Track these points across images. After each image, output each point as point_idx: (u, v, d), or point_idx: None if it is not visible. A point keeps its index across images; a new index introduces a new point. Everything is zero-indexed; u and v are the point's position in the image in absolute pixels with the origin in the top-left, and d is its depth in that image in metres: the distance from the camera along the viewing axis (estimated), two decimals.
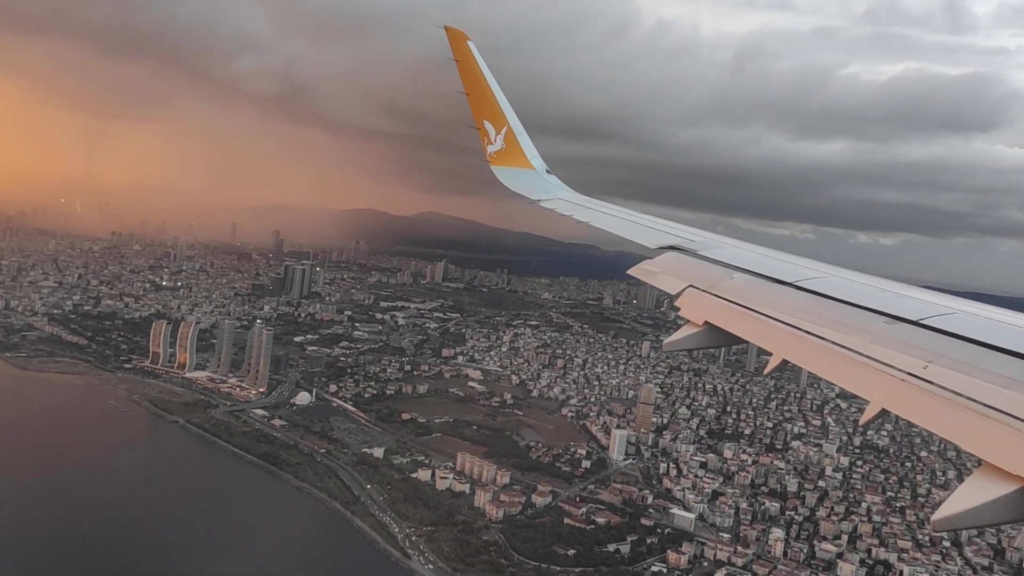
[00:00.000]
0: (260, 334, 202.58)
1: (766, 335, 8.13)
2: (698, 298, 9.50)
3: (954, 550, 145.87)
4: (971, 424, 5.45)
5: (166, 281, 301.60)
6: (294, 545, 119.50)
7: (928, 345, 6.59)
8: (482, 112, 19.59)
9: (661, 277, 10.73)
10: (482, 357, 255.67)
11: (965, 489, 5.01)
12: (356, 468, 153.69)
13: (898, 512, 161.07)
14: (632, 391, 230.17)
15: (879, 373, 6.44)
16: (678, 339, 9.17)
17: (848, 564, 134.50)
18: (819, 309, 8.08)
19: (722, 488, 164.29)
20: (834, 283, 8.85)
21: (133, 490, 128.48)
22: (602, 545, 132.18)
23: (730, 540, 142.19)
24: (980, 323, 7.12)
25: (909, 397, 6.05)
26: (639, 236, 13.26)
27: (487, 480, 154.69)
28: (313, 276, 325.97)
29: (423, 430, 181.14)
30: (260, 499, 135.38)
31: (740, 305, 8.84)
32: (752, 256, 10.92)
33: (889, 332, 7.02)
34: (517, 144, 19.96)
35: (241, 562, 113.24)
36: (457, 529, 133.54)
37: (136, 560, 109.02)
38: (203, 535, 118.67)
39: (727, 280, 9.68)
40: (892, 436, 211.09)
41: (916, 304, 7.77)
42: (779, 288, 9.05)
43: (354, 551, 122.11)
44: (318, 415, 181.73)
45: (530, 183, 19.50)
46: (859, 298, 8.03)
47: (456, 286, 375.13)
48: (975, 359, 6.15)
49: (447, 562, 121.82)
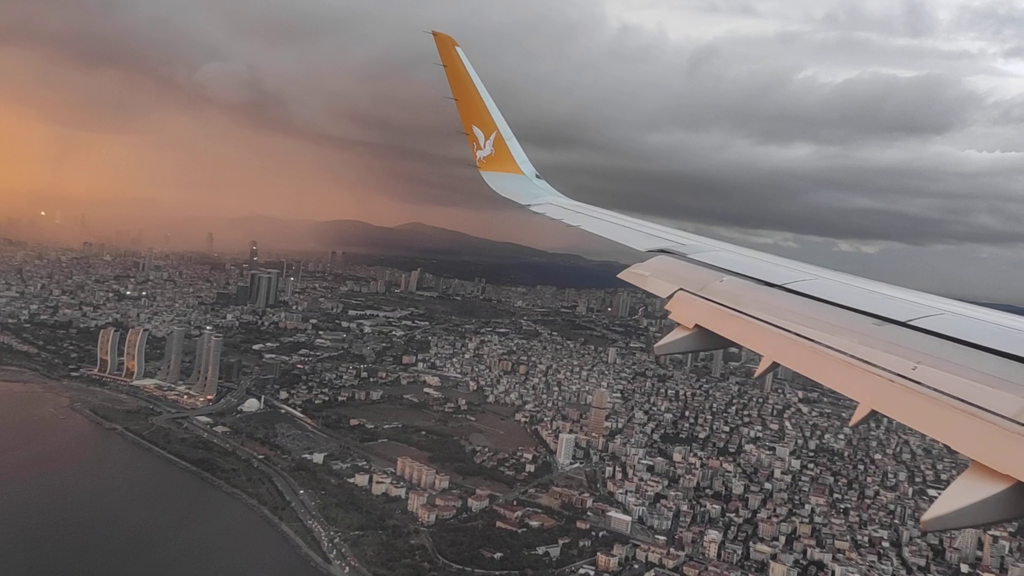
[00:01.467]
0: (209, 341, 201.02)
1: (756, 337, 8.11)
2: (688, 301, 9.48)
3: (892, 551, 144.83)
4: (960, 424, 5.42)
5: (130, 291, 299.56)
6: (212, 550, 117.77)
7: (917, 346, 6.60)
8: (471, 118, 19.50)
9: (651, 280, 10.68)
10: (443, 364, 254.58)
11: (955, 489, 4.99)
12: (292, 474, 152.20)
13: (841, 513, 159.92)
14: (591, 396, 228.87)
15: (868, 374, 6.44)
16: (669, 342, 9.09)
17: (780, 565, 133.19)
18: (808, 311, 8.11)
19: (666, 491, 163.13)
20: (823, 285, 8.88)
21: (55, 496, 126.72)
22: (531, 548, 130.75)
23: (665, 543, 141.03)
24: (968, 324, 7.13)
25: (898, 398, 6.05)
26: (629, 240, 13.26)
27: (426, 485, 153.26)
28: (281, 285, 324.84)
29: (369, 436, 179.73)
30: (186, 504, 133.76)
31: (730, 308, 8.79)
32: (742, 259, 10.95)
33: (878, 333, 7.05)
34: (507, 149, 19.95)
35: (155, 566, 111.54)
36: (386, 533, 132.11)
37: (45, 559, 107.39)
38: (120, 539, 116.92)
39: (717, 283, 9.67)
40: (849, 440, 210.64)
41: (905, 305, 7.79)
42: (769, 290, 9.07)
43: (273, 556, 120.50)
44: (264, 422, 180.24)
45: (520, 188, 19.43)
46: (848, 300, 8.05)
47: (430, 295, 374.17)
48: (964, 359, 6.17)
49: (369, 566, 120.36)
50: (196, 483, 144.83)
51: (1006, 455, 4.97)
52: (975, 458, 5.10)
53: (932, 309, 7.52)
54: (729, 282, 9.64)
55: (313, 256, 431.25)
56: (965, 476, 5.08)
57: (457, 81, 19.07)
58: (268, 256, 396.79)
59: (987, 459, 5.01)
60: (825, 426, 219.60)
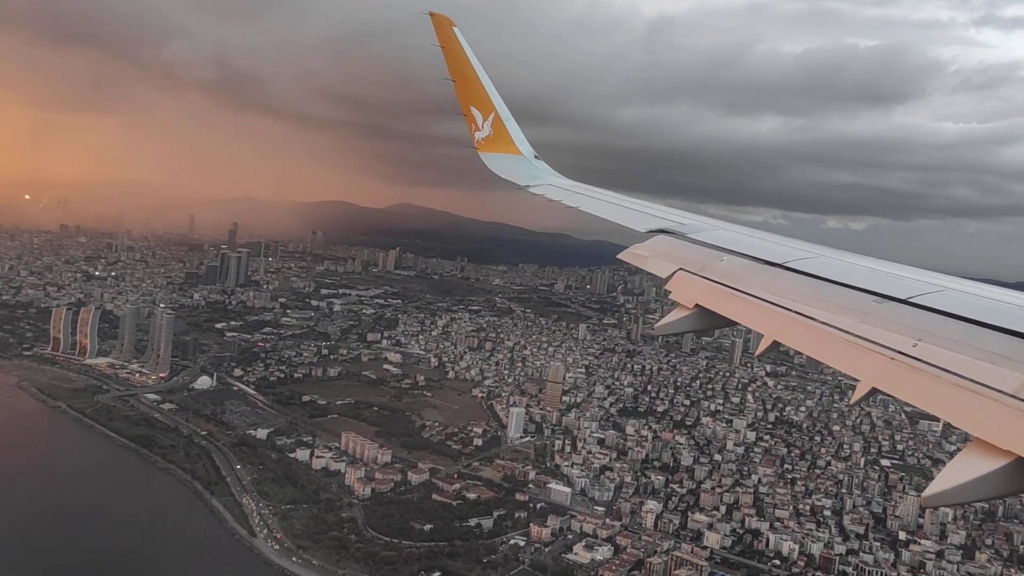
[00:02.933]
0: (161, 319, 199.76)
1: (756, 316, 8.09)
2: (688, 281, 9.44)
3: (833, 519, 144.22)
4: (961, 400, 5.40)
5: (98, 271, 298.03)
6: (137, 524, 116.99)
7: (917, 323, 6.55)
8: (469, 99, 19.34)
9: (651, 261, 10.64)
10: (408, 341, 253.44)
11: (955, 465, 4.98)
12: (233, 449, 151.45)
13: (788, 484, 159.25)
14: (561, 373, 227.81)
15: (869, 352, 6.41)
16: (669, 322, 9.00)
17: (715, 533, 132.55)
18: (809, 290, 8.08)
19: (612, 464, 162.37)
20: (823, 263, 8.85)
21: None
22: (464, 520, 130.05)
23: (603, 513, 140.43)
24: (968, 300, 7.08)
25: (899, 375, 5.99)
26: (629, 220, 13.19)
27: (368, 459, 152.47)
28: (251, 265, 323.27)
29: (319, 412, 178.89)
30: (118, 480, 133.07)
31: (730, 287, 8.77)
32: (742, 238, 10.94)
33: (879, 311, 7.01)
34: (505, 130, 19.82)
35: (78, 539, 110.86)
36: (318, 507, 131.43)
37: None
38: (46, 513, 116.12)
39: (717, 263, 9.64)
40: (810, 412, 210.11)
41: (905, 283, 7.70)
42: (769, 269, 9.01)
43: (199, 530, 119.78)
44: (214, 399, 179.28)
45: (519, 169, 19.35)
46: (848, 278, 8.00)
47: (407, 274, 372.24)
48: (964, 336, 6.13)
49: (294, 539, 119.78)
50: (132, 459, 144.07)
51: (1007, 431, 4.93)
52: (976, 434, 5.03)
53: (932, 286, 7.45)
54: (729, 262, 9.59)
55: (296, 237, 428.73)
56: (966, 452, 5.02)
57: (455, 62, 18.85)
58: (251, 237, 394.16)
59: (988, 435, 4.96)
60: (788, 399, 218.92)
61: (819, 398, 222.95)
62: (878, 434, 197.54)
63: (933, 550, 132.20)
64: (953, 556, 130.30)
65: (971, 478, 4.84)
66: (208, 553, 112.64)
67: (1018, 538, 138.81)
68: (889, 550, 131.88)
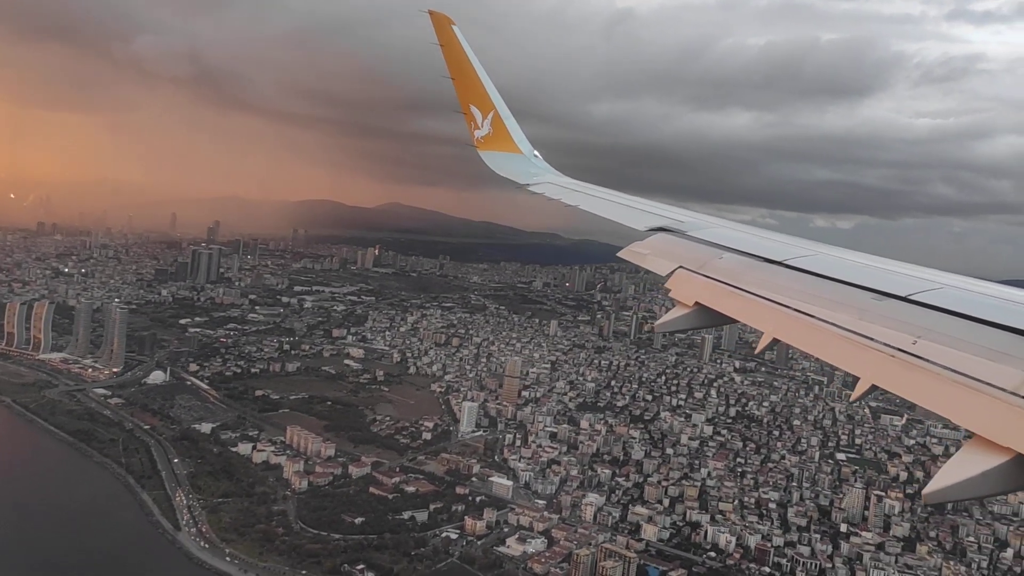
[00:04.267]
0: (115, 313, 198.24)
1: (756, 314, 8.05)
2: (688, 279, 9.42)
3: (778, 511, 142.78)
4: (961, 398, 5.41)
5: (68, 268, 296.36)
6: (58, 516, 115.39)
7: (917, 320, 6.52)
8: (468, 97, 19.36)
9: (651, 259, 10.62)
10: (375, 337, 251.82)
11: (956, 462, 4.99)
12: (174, 443, 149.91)
13: (738, 477, 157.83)
14: (519, 367, 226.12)
15: (869, 349, 6.37)
16: (669, 320, 8.99)
17: (652, 526, 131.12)
18: (808, 287, 8.06)
19: (560, 458, 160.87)
20: (823, 261, 8.84)
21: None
22: (397, 513, 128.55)
23: (543, 507, 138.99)
24: (968, 297, 7.05)
25: (899, 372, 6.00)
26: (628, 219, 13.19)
27: (311, 453, 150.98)
28: (225, 262, 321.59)
29: (270, 406, 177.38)
30: (50, 474, 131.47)
31: (730, 285, 8.74)
32: (741, 236, 10.93)
33: (878, 308, 6.97)
34: (504, 128, 19.86)
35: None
36: (250, 500, 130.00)
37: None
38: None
39: (716, 260, 9.63)
40: (772, 407, 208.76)
41: (904, 280, 7.71)
42: (768, 267, 9.01)
43: (122, 523, 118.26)
44: (165, 393, 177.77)
45: (518, 167, 19.30)
46: (848, 275, 7.99)
47: (385, 271, 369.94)
48: (964, 333, 6.10)
49: (219, 532, 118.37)
50: (69, 454, 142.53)
51: (1007, 428, 4.93)
52: (976, 431, 5.03)
53: (932, 283, 7.43)
54: (728, 259, 9.59)
55: (278, 235, 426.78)
56: (966, 449, 5.00)
57: (454, 60, 18.81)
58: (234, 236, 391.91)
59: (988, 432, 4.96)
60: (752, 394, 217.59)
61: (784, 393, 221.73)
62: (839, 429, 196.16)
63: (873, 542, 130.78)
64: (893, 548, 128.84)
65: (971, 475, 4.77)
66: (126, 546, 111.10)
67: (963, 531, 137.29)
68: (828, 542, 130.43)
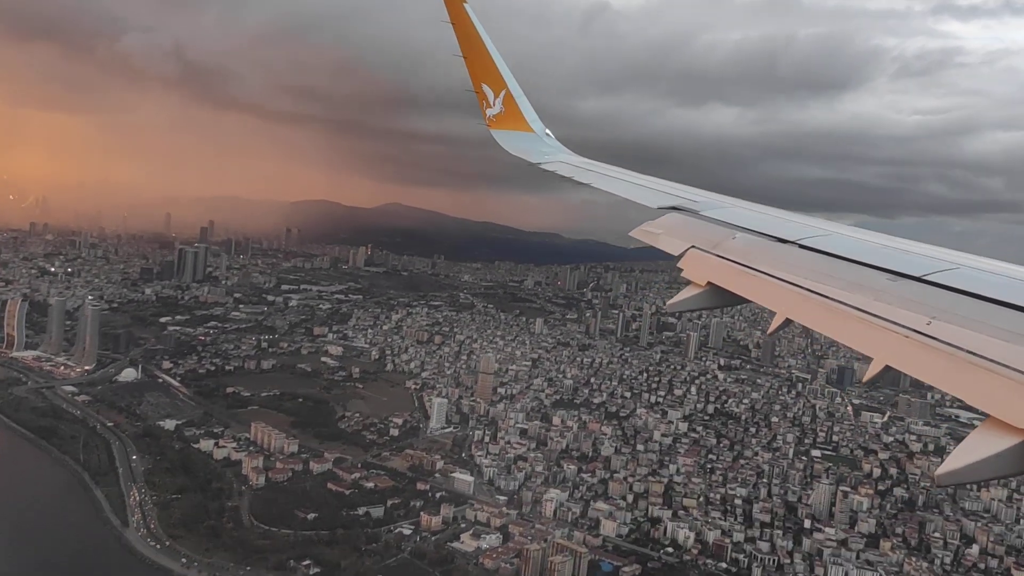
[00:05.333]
0: (87, 311, 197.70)
1: (769, 294, 8.02)
2: (700, 259, 9.39)
3: (743, 507, 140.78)
4: (975, 379, 5.36)
5: (54, 267, 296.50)
6: (8, 514, 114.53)
7: (931, 301, 6.49)
8: (480, 76, 19.41)
9: (663, 238, 10.59)
10: (356, 335, 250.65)
11: (969, 443, 4.96)
12: (136, 440, 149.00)
13: (707, 473, 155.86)
14: (498, 364, 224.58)
15: (883, 330, 6.33)
16: (681, 300, 8.96)
17: (611, 522, 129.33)
18: (822, 267, 8.01)
19: (528, 454, 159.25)
20: (837, 241, 8.76)
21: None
22: (352, 509, 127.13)
23: (504, 502, 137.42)
24: (984, 278, 7.00)
25: (913, 353, 5.96)
26: (640, 197, 13.09)
27: (274, 449, 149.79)
28: (213, 261, 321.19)
29: (240, 403, 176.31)
30: (4, 470, 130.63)
31: (743, 264, 8.72)
32: (754, 215, 10.81)
33: (893, 289, 6.96)
34: (516, 107, 19.88)
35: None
36: (205, 496, 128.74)
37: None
38: None
39: (729, 240, 9.58)
40: (752, 404, 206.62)
41: (919, 260, 7.60)
42: (782, 247, 8.96)
43: (70, 519, 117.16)
44: (134, 391, 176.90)
45: (530, 146, 19.34)
46: (862, 255, 7.94)
47: (376, 270, 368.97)
48: (979, 314, 6.06)
49: (167, 528, 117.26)
50: (27, 450, 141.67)
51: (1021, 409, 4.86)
52: (990, 412, 4.97)
53: (947, 264, 7.34)
54: (742, 239, 9.51)
55: (273, 235, 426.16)
56: (980, 430, 4.95)
57: (466, 39, 18.86)
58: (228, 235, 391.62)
59: (1002, 413, 4.91)
60: (734, 391, 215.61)
61: (766, 391, 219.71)
62: (818, 426, 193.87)
63: (837, 539, 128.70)
64: (856, 544, 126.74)
65: (985, 456, 4.73)
66: (70, 542, 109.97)
67: (930, 527, 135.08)
68: (790, 538, 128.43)
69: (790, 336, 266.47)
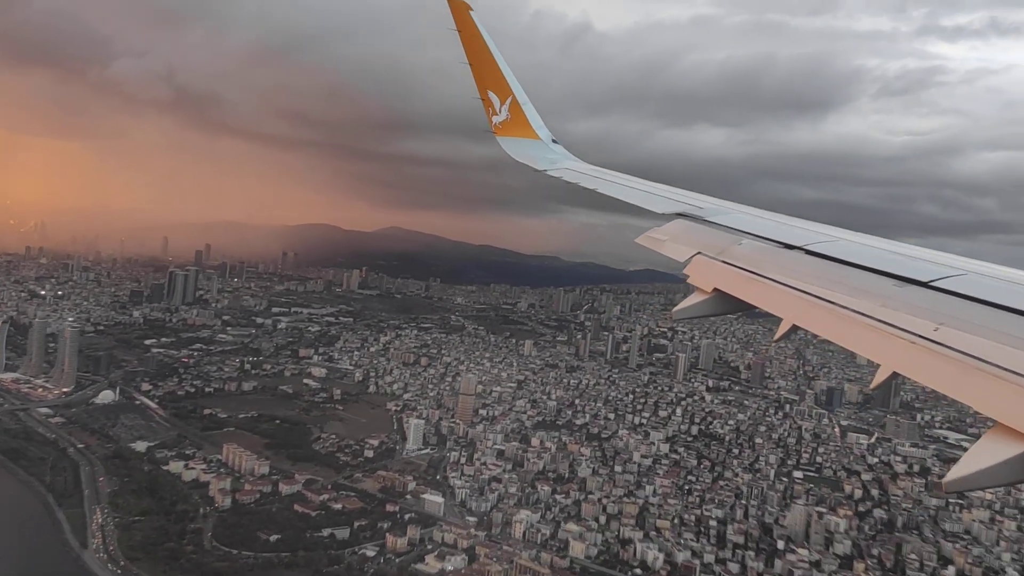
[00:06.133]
0: (65, 333, 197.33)
1: (776, 300, 7.94)
2: (707, 265, 9.36)
3: (719, 528, 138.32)
4: (983, 385, 5.33)
5: (45, 291, 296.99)
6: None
7: (939, 307, 6.44)
8: (486, 83, 19.48)
9: (669, 245, 10.56)
10: (341, 357, 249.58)
11: (977, 450, 4.92)
12: (106, 462, 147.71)
13: (685, 494, 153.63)
14: (482, 386, 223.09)
15: (890, 336, 6.31)
16: (687, 307, 8.86)
17: (580, 543, 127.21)
18: (829, 273, 7.95)
19: (503, 475, 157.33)
20: (844, 247, 8.72)
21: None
22: (317, 530, 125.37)
23: (474, 524, 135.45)
24: (992, 284, 6.93)
25: (920, 360, 5.92)
26: (646, 203, 13.07)
27: (244, 471, 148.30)
28: (201, 283, 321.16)
29: (216, 425, 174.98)
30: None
31: (749, 271, 8.70)
32: (761, 222, 10.81)
33: (899, 295, 6.90)
34: (522, 114, 19.92)
35: None
36: (169, 518, 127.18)
37: None
38: None
39: (736, 246, 9.57)
40: (737, 426, 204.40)
41: (926, 266, 7.55)
42: (788, 253, 8.93)
43: (29, 541, 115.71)
44: (110, 413, 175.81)
45: (536, 153, 19.32)
46: (869, 261, 7.87)
47: (371, 293, 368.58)
48: (987, 320, 6.01)
49: (126, 551, 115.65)
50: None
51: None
52: (998, 419, 4.95)
53: (954, 270, 7.27)
54: (748, 245, 9.48)
55: (271, 259, 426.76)
56: (988, 437, 4.92)
57: (472, 46, 18.96)
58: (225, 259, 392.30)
59: (1011, 420, 4.88)
60: (720, 413, 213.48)
61: (753, 412, 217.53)
62: (803, 447, 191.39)
63: (810, 560, 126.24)
64: (829, 565, 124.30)
65: (993, 463, 4.69)
66: (24, 563, 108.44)
67: (907, 548, 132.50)
68: (762, 560, 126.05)
69: (782, 358, 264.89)
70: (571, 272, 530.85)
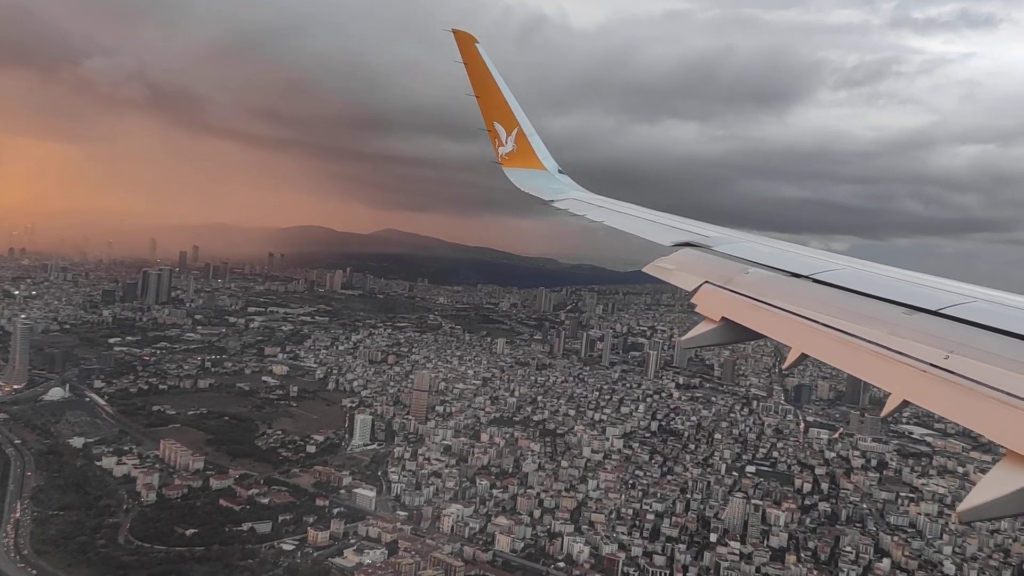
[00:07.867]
0: (16, 329, 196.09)
1: (784, 329, 7.90)
2: (714, 294, 9.28)
3: (655, 521, 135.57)
4: (995, 413, 5.29)
5: (19, 291, 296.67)
6: None
7: (948, 335, 6.42)
8: (492, 114, 19.68)
9: (676, 274, 10.43)
10: (307, 355, 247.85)
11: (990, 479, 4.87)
12: (39, 457, 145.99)
13: (628, 489, 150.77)
14: (445, 383, 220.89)
15: (900, 364, 6.28)
16: (695, 336, 8.80)
17: (506, 536, 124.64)
18: (836, 301, 7.96)
19: (444, 470, 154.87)
20: (850, 274, 8.74)
21: None
22: (236, 524, 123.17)
23: (403, 518, 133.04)
24: (1000, 311, 6.84)
25: (931, 387, 5.90)
26: (653, 234, 13.06)
27: (179, 466, 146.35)
28: (176, 283, 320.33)
29: (162, 421, 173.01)
30: None
31: (757, 300, 8.64)
32: (767, 250, 10.80)
33: (908, 323, 6.89)
34: (528, 145, 20.10)
35: None
36: (88, 513, 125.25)
37: None
38: None
39: (742, 275, 9.53)
40: (698, 422, 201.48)
41: (934, 293, 7.53)
42: (795, 281, 8.89)
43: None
44: (57, 409, 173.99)
45: (542, 184, 19.46)
46: (876, 289, 7.84)
47: (351, 293, 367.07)
48: (997, 347, 6.00)
49: (35, 545, 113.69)
50: None
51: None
52: (1011, 447, 4.90)
53: (963, 297, 7.24)
54: (755, 274, 9.44)
55: (256, 260, 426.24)
56: (1001, 466, 4.88)
57: (478, 78, 19.17)
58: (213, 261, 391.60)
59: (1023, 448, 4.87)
60: (685, 409, 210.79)
61: (719, 408, 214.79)
62: (763, 443, 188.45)
63: (743, 552, 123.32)
64: (760, 558, 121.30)
65: (1006, 492, 4.63)
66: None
67: (844, 541, 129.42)
68: (691, 552, 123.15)
69: (758, 355, 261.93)
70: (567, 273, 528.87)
